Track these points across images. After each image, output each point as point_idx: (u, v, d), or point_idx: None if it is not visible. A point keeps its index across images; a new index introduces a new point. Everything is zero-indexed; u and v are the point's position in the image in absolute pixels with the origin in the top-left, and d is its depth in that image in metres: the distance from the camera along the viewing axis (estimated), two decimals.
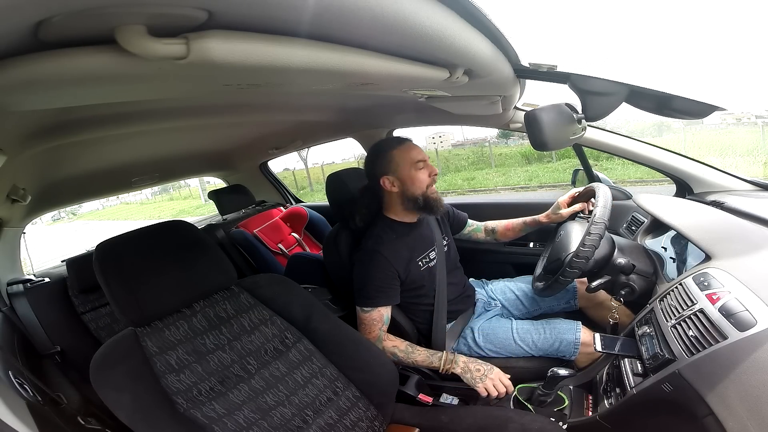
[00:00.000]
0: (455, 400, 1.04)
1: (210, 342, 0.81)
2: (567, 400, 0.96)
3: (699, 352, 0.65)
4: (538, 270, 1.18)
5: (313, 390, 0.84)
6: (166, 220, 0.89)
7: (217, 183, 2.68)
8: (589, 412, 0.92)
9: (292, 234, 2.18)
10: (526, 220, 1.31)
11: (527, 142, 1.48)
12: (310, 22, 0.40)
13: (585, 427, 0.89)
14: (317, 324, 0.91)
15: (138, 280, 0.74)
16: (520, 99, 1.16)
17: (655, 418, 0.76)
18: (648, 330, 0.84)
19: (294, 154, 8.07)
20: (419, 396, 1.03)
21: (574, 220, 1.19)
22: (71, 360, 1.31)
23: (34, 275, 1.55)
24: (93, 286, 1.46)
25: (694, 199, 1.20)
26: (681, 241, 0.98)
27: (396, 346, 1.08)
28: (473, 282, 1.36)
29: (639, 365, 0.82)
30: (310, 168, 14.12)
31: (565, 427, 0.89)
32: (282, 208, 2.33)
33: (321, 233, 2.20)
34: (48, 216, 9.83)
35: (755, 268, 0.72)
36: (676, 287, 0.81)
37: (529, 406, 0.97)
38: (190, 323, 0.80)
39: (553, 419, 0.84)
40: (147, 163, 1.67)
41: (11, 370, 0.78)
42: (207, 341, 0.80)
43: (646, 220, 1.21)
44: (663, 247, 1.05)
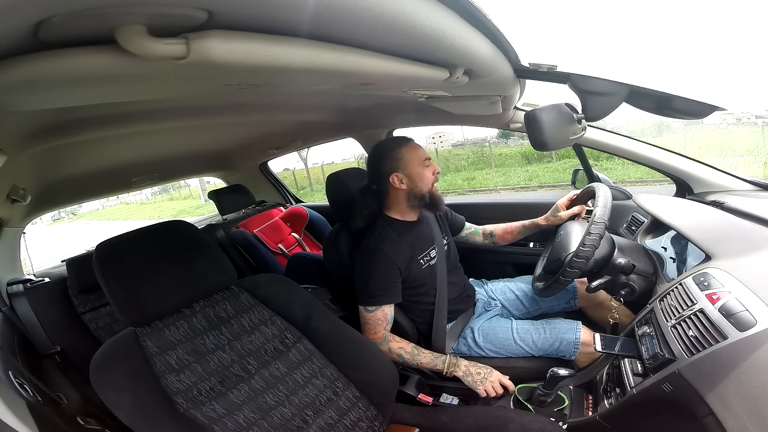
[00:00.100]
0: (455, 400, 1.04)
1: (210, 342, 0.81)
2: (567, 400, 0.96)
3: (699, 352, 0.65)
4: (538, 270, 1.18)
5: (313, 390, 0.84)
6: (166, 220, 0.89)
7: (217, 183, 2.68)
8: (589, 412, 0.92)
9: (292, 234, 2.18)
10: (525, 223, 1.31)
11: (527, 142, 1.48)
12: (310, 22, 0.40)
13: (585, 427, 0.89)
14: (317, 324, 0.91)
15: (138, 280, 0.74)
16: (520, 99, 1.17)
17: (655, 418, 0.76)
18: (648, 330, 0.84)
19: (294, 154, 8.07)
20: (419, 396, 1.03)
21: (574, 220, 1.19)
22: (71, 360, 1.31)
23: (34, 275, 1.55)
24: (93, 286, 1.46)
25: (694, 199, 1.20)
26: (681, 241, 0.98)
27: (402, 347, 1.08)
28: (473, 282, 1.36)
29: (639, 365, 0.81)
30: (310, 168, 14.13)
31: (565, 427, 0.89)
32: (282, 208, 2.33)
33: (321, 233, 2.20)
34: (48, 216, 9.83)
35: (755, 268, 0.72)
36: (676, 287, 0.81)
37: (529, 406, 0.97)
38: (190, 323, 0.81)
39: (553, 419, 0.84)
40: (147, 163, 1.67)
41: (11, 370, 0.78)
42: (207, 341, 0.80)
43: (646, 220, 1.21)
44: (663, 247, 1.05)
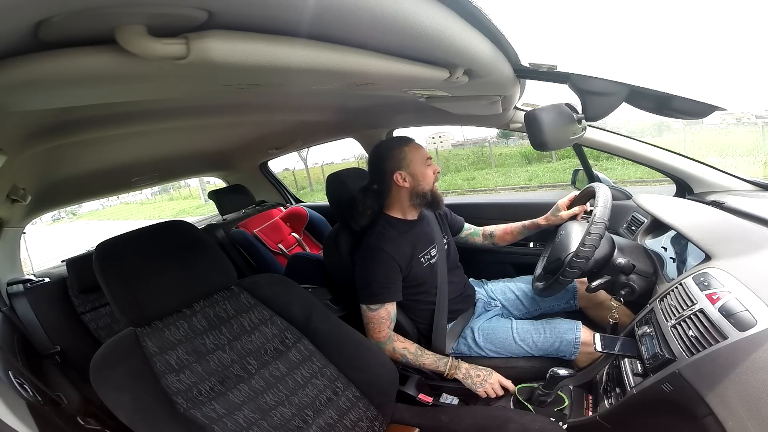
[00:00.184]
0: (455, 400, 1.04)
1: (210, 342, 0.81)
2: (567, 400, 0.96)
3: (699, 352, 0.65)
4: (538, 270, 1.18)
5: (313, 390, 0.84)
6: (166, 220, 0.89)
7: (217, 183, 2.68)
8: (589, 412, 0.92)
9: (292, 234, 2.18)
10: (525, 223, 1.31)
11: (527, 142, 1.48)
12: (310, 22, 0.40)
13: (585, 427, 0.89)
14: (317, 324, 0.91)
15: (138, 280, 0.74)
16: (520, 99, 1.17)
17: (655, 418, 0.76)
18: (648, 330, 0.84)
19: (294, 154, 8.07)
20: (419, 396, 1.03)
21: (574, 220, 1.19)
22: (71, 360, 1.31)
23: (34, 275, 1.55)
24: (93, 286, 1.46)
25: (694, 199, 1.20)
26: (681, 241, 0.98)
27: (406, 347, 1.09)
28: (473, 282, 1.36)
29: (639, 365, 0.81)
30: (310, 168, 14.12)
31: (565, 427, 0.89)
32: (282, 208, 2.33)
33: (321, 233, 2.20)
34: (48, 216, 9.83)
35: (755, 268, 0.72)
36: (676, 287, 0.81)
37: (529, 406, 0.97)
38: (190, 323, 0.80)
39: (553, 419, 0.84)
40: (147, 163, 1.67)
41: (11, 370, 0.78)
42: (207, 341, 0.80)
43: (646, 220, 1.21)
44: (663, 247, 1.05)
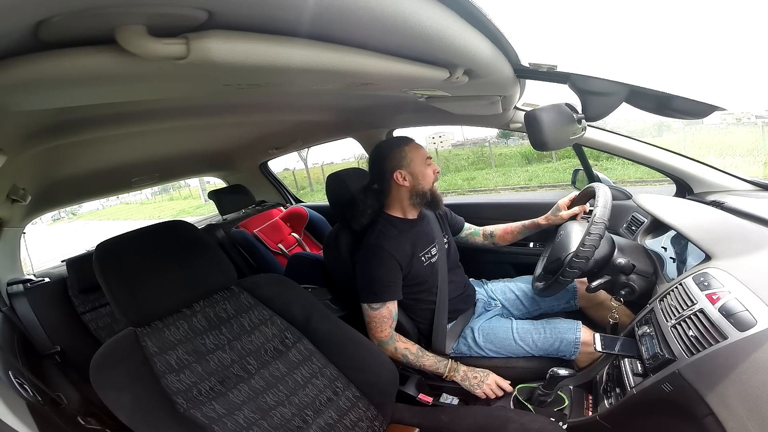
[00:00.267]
0: (455, 400, 1.04)
1: (210, 342, 0.81)
2: (567, 400, 0.96)
3: (699, 352, 0.65)
4: (538, 270, 1.18)
5: (313, 390, 0.84)
6: (166, 220, 0.89)
7: (217, 183, 2.68)
8: (589, 412, 0.92)
9: (292, 234, 2.18)
10: (525, 223, 1.31)
11: (527, 142, 1.48)
12: (310, 22, 0.40)
13: (585, 427, 0.89)
14: (317, 324, 0.91)
15: (138, 280, 0.74)
16: (520, 99, 1.17)
17: (655, 418, 0.76)
18: (648, 330, 0.84)
19: (294, 154, 8.08)
20: (419, 396, 1.03)
21: (574, 219, 1.19)
22: (71, 360, 1.31)
23: (34, 275, 1.55)
24: (93, 286, 1.46)
25: (694, 199, 1.20)
26: (681, 241, 0.98)
27: (408, 348, 1.09)
28: (473, 282, 1.36)
29: (639, 365, 0.81)
30: (310, 168, 14.12)
31: (565, 427, 0.89)
32: (282, 208, 2.33)
33: (321, 233, 2.20)
34: (48, 216, 9.84)
35: (755, 268, 0.72)
36: (676, 287, 0.81)
37: (529, 406, 0.97)
38: (190, 323, 0.80)
39: (553, 419, 0.84)
40: (147, 163, 1.67)
41: (11, 370, 0.78)
42: (207, 341, 0.80)
43: (646, 220, 1.21)
44: (663, 247, 1.05)
